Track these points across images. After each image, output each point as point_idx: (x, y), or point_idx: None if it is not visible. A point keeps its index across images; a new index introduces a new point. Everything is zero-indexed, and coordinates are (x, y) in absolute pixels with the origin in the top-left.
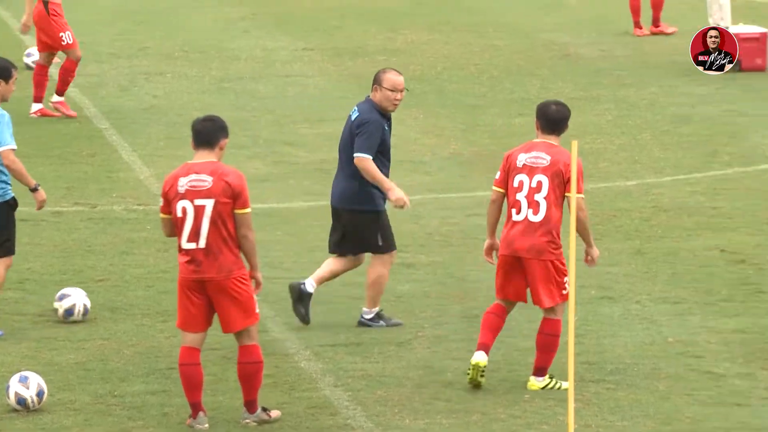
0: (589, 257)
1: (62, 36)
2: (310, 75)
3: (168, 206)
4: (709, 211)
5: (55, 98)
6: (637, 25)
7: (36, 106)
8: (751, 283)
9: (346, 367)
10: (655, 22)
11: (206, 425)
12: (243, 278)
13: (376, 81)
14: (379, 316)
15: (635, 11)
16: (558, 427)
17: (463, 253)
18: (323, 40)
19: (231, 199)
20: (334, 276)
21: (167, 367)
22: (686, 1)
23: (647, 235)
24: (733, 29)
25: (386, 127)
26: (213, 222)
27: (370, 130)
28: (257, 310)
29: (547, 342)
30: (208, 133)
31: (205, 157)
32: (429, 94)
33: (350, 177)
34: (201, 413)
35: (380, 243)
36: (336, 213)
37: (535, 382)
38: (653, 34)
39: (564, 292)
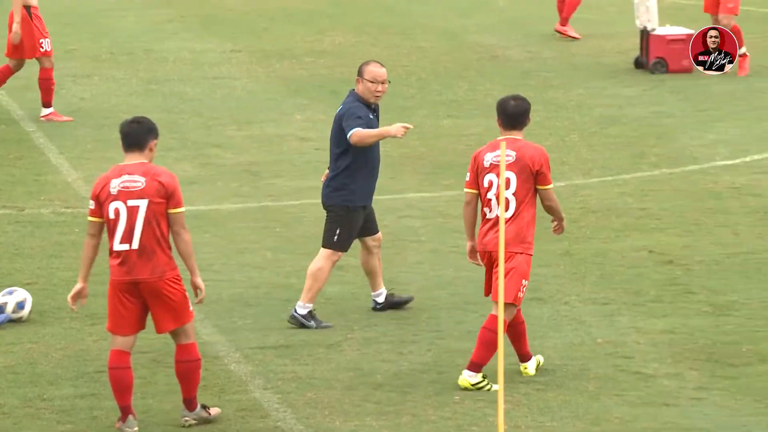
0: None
1: (42, 42)
2: (237, 77)
3: (99, 209)
4: (637, 212)
5: (45, 111)
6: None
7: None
8: (679, 283)
9: (276, 370)
10: (563, 22)
11: (136, 428)
12: (176, 278)
13: (359, 73)
14: (311, 316)
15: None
16: (488, 428)
17: (393, 255)
18: (251, 42)
19: (164, 198)
20: (374, 270)
21: (96, 370)
22: (614, 3)
23: (576, 236)
24: (660, 31)
25: (371, 116)
26: (147, 222)
27: (352, 111)
28: (191, 308)
29: (489, 338)
30: (137, 135)
31: (135, 158)
32: None
33: (333, 173)
34: (130, 416)
35: (334, 239)
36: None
37: (468, 378)
38: (557, 32)
39: (519, 294)
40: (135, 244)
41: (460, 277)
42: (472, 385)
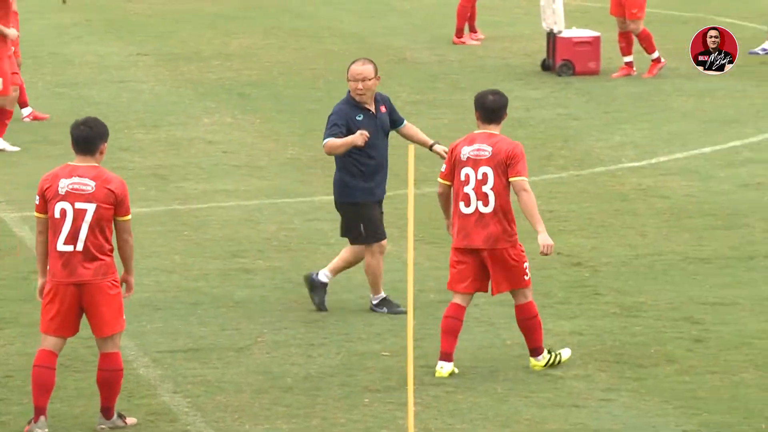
0: (541, 246)
1: None
2: (144, 80)
3: (44, 205)
4: (545, 214)
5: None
6: (472, 29)
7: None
8: (587, 285)
9: (185, 374)
10: (458, 33)
11: (46, 430)
12: (116, 283)
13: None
14: (383, 303)
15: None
16: (398, 431)
17: (302, 258)
18: (158, 45)
19: (112, 205)
20: (347, 265)
21: (4, 375)
22: (521, 6)
23: None
24: (567, 33)
25: (357, 117)
26: (92, 226)
27: (330, 119)
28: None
29: (529, 325)
30: (88, 139)
31: (86, 161)
32: (265, 99)
33: (337, 170)
34: (42, 417)
35: (363, 233)
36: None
37: (537, 362)
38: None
39: (526, 277)
40: (79, 246)
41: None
42: (544, 366)
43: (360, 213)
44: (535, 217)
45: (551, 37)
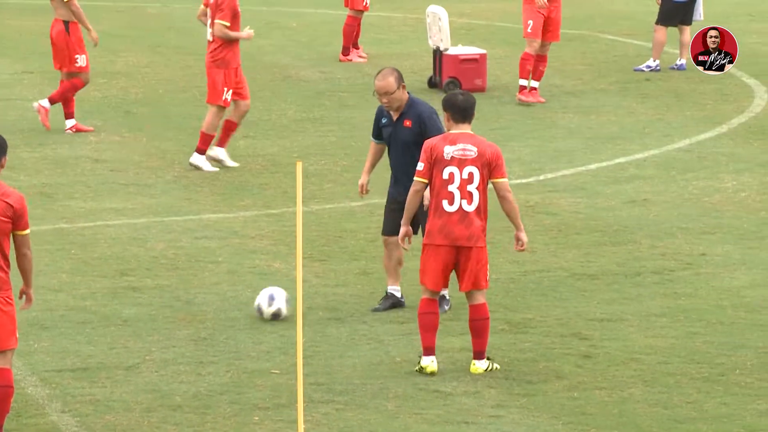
0: (519, 242)
1: (77, 58)
2: (30, 98)
3: None
4: None
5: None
6: (355, 46)
7: (69, 122)
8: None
9: (74, 393)
10: (344, 51)
11: None
12: (10, 300)
13: None
14: (385, 298)
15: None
16: None
17: (190, 276)
18: (43, 63)
19: (11, 219)
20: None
21: None
22: (408, 24)
23: (372, 255)
24: (453, 51)
25: (383, 120)
26: None
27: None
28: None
29: (480, 326)
30: None
31: None
32: (152, 116)
33: None
34: None
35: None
36: None
37: (478, 366)
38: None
39: (486, 278)
40: None
41: (257, 297)
42: (485, 370)
43: (385, 207)
44: (519, 217)
45: (438, 54)
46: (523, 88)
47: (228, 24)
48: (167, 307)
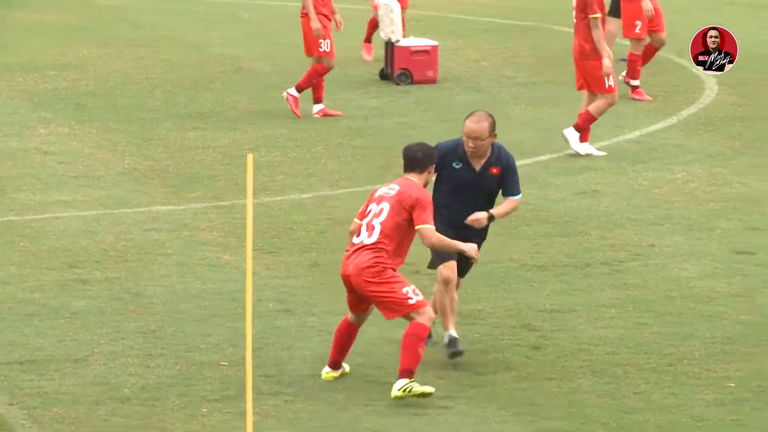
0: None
1: (321, 43)
2: None
3: None
4: None
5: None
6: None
7: (317, 107)
8: (426, 293)
9: (21, 385)
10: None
11: None
12: None
13: None
14: (450, 342)
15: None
16: None
17: (140, 269)
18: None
19: None
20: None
21: None
22: (360, 16)
23: (323, 247)
24: (404, 42)
25: (455, 164)
26: None
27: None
28: None
29: (410, 342)
30: None
31: None
32: (102, 108)
33: None
34: None
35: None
36: None
37: (395, 385)
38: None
39: (412, 302)
40: None
41: (206, 289)
42: (399, 389)
43: None
44: (451, 247)
45: (389, 46)
46: (635, 88)
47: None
48: (116, 299)
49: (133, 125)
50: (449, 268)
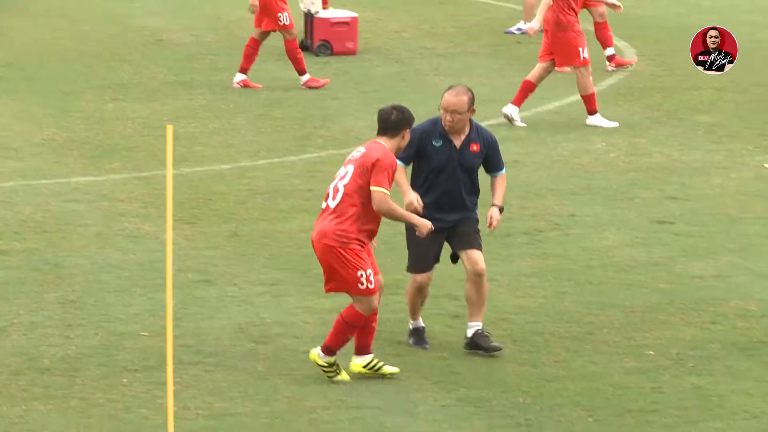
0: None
1: (280, 16)
2: None
3: None
4: (304, 193)
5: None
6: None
7: (239, 77)
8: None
9: None
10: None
11: None
12: None
13: None
14: (412, 332)
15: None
16: (157, 411)
17: (59, 240)
18: None
19: None
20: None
21: None
22: None
23: (243, 218)
24: (324, 14)
25: (435, 142)
26: None
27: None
28: None
29: (340, 324)
30: None
31: None
32: (19, 80)
33: None
34: None
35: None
36: None
37: (317, 355)
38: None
39: (361, 287)
40: None
41: (126, 260)
42: (319, 365)
43: (409, 236)
44: (402, 218)
45: (309, 17)
46: (612, 56)
47: None
48: (35, 270)
49: (51, 97)
50: (425, 275)
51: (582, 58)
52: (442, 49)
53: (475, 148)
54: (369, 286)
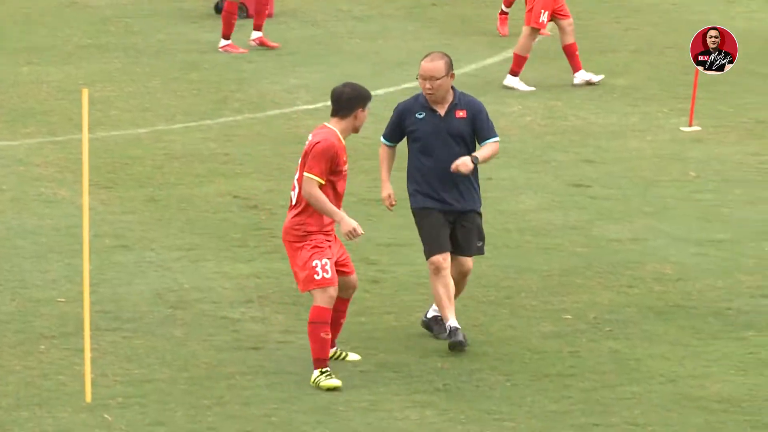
0: (345, 235)
1: None
2: None
3: None
4: (221, 157)
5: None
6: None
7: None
8: (264, 228)
9: None
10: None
11: None
12: None
13: None
14: (429, 321)
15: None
16: (75, 377)
17: None
18: None
19: None
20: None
21: None
22: None
23: (160, 182)
24: None
25: (418, 115)
26: None
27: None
28: None
29: (309, 330)
30: None
31: None
32: None
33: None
34: None
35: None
36: None
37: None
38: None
39: (317, 277)
40: None
41: (42, 225)
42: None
43: (417, 221)
44: (325, 211)
45: None
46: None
47: None
48: None
49: None
50: (440, 256)
51: (540, 21)
52: (358, 12)
53: (461, 114)
54: (325, 275)
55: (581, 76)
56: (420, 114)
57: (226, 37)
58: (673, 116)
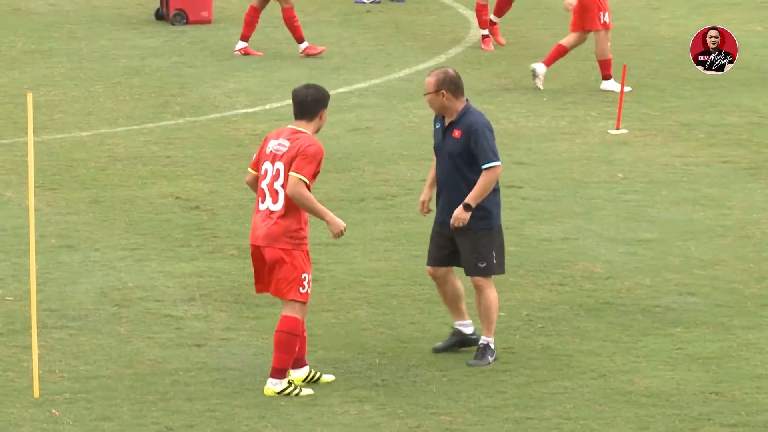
0: (332, 235)
1: None
2: None
3: None
4: (163, 159)
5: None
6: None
7: (241, 44)
8: (206, 228)
9: None
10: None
11: None
12: None
13: None
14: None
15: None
16: (22, 374)
17: None
18: None
19: None
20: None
21: None
22: None
23: (104, 184)
24: None
25: (436, 125)
26: None
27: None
28: None
29: (282, 340)
30: None
31: None
32: None
33: None
34: None
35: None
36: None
37: (271, 387)
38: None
39: (302, 290)
40: None
41: None
42: (277, 393)
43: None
44: (314, 211)
45: None
46: (485, 37)
47: None
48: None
49: None
50: (429, 267)
51: (602, 22)
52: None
53: (456, 133)
54: (309, 291)
55: (540, 71)
56: (437, 125)
57: (300, 40)
58: (601, 119)
